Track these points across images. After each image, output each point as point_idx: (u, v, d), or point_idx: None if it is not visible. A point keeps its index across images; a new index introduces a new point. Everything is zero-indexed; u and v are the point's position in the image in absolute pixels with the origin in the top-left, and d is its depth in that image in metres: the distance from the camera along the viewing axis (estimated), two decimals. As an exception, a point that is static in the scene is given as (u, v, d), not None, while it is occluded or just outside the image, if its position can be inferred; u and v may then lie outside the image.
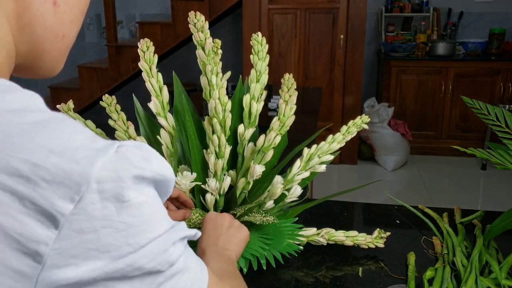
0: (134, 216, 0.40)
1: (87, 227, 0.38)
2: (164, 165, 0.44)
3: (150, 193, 0.42)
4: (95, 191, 0.38)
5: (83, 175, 0.37)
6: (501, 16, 4.33)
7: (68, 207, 0.37)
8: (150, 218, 0.41)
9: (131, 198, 0.40)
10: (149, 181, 0.42)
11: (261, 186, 0.97)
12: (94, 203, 0.38)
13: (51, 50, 0.47)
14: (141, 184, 0.41)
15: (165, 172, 0.43)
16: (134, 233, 0.40)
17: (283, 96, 0.95)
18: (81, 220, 0.38)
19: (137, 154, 0.41)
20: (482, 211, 1.14)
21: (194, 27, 0.91)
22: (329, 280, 0.93)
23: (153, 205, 0.42)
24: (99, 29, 4.93)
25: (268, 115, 2.46)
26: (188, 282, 0.45)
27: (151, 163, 0.42)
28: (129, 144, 0.42)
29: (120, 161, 0.39)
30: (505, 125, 1.04)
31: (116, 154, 0.40)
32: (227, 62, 4.49)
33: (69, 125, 0.40)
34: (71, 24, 0.47)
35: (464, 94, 3.93)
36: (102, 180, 0.38)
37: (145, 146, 0.43)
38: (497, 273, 0.88)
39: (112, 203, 0.39)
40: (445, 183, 3.64)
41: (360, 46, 3.75)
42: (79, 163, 0.38)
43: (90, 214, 0.38)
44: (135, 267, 0.40)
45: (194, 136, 0.94)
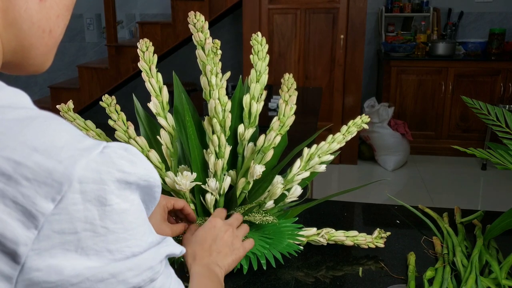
0: (115, 222, 0.39)
1: (68, 228, 0.37)
2: (149, 169, 0.43)
3: (134, 202, 0.41)
4: (77, 191, 0.37)
5: (65, 174, 0.37)
6: (501, 16, 4.33)
7: (48, 207, 0.36)
8: (132, 227, 0.41)
9: (113, 203, 0.39)
10: (133, 187, 0.41)
11: (261, 186, 0.97)
12: (76, 203, 0.37)
13: (39, 45, 0.46)
14: (125, 190, 0.40)
15: (149, 177, 0.42)
16: (114, 239, 0.39)
17: (283, 96, 0.95)
18: (62, 220, 0.37)
19: (123, 156, 0.40)
20: (482, 211, 1.14)
21: (194, 27, 0.91)
22: (329, 280, 0.93)
23: (136, 215, 0.41)
24: (99, 29, 4.93)
25: (268, 115, 2.46)
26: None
27: (136, 167, 0.41)
28: (115, 146, 0.41)
29: (104, 163, 0.39)
30: (505, 125, 1.03)
31: (101, 155, 0.39)
32: (227, 62, 4.49)
33: (56, 124, 0.40)
34: (58, 19, 0.47)
35: (464, 94, 3.94)
36: (84, 180, 0.37)
37: (131, 149, 0.42)
38: (497, 273, 0.88)
39: (95, 206, 0.38)
40: (445, 183, 3.64)
41: (360, 46, 3.75)
42: (62, 163, 0.37)
43: (72, 215, 0.37)
44: (120, 279, 0.40)
45: (194, 136, 0.94)
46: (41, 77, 5.08)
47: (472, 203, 3.27)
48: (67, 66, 4.98)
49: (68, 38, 4.96)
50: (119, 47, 4.01)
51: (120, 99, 1.14)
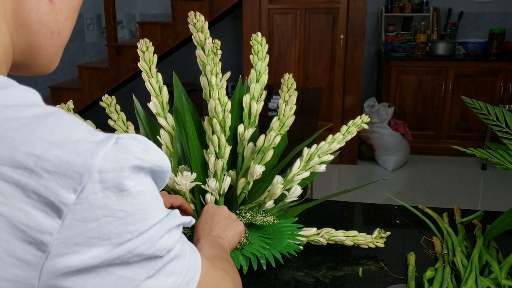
0: (133, 204, 0.41)
1: (89, 216, 0.39)
2: (162, 156, 0.45)
3: (147, 182, 0.43)
4: (97, 181, 0.39)
5: (85, 166, 0.38)
6: (501, 16, 4.33)
7: (71, 197, 0.38)
8: (148, 206, 0.43)
9: (130, 187, 0.41)
10: (146, 171, 0.43)
11: (261, 186, 0.97)
12: (96, 192, 0.39)
13: (48, 46, 0.48)
14: (140, 173, 0.42)
15: (162, 163, 0.45)
16: (133, 221, 0.41)
17: (283, 96, 0.95)
18: (84, 209, 0.39)
19: (136, 145, 0.42)
20: (482, 211, 1.14)
21: (194, 27, 0.91)
22: (329, 280, 0.93)
23: (151, 195, 0.43)
24: (99, 29, 4.93)
25: (268, 115, 2.46)
26: (184, 267, 0.47)
27: (150, 154, 0.43)
28: (127, 136, 0.43)
29: (120, 152, 0.41)
30: (505, 125, 1.03)
31: (116, 145, 0.41)
32: (227, 62, 4.49)
33: (68, 119, 0.41)
34: (67, 21, 0.48)
35: (464, 94, 3.94)
36: (104, 170, 0.39)
37: (142, 138, 0.44)
38: (497, 273, 0.88)
39: (113, 192, 0.40)
40: (445, 183, 3.64)
41: (360, 46, 3.75)
42: (80, 155, 0.39)
43: (92, 203, 0.39)
44: (135, 253, 0.42)
45: (194, 136, 0.94)
46: (41, 77, 5.08)
47: (472, 203, 3.27)
48: (67, 66, 4.97)
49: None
50: (119, 47, 4.01)
51: (120, 99, 1.14)
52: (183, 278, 0.47)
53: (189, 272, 0.48)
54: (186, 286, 0.48)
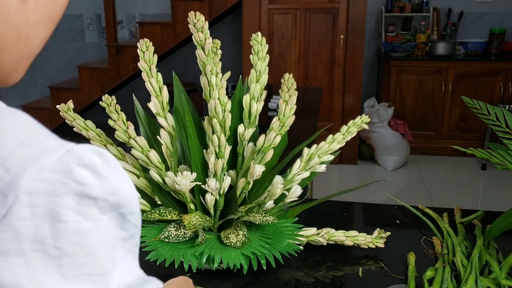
0: (73, 243, 0.33)
1: (14, 248, 0.32)
2: (121, 182, 0.36)
3: (101, 222, 0.34)
4: (26, 204, 0.31)
5: (11, 184, 0.31)
6: (501, 16, 4.33)
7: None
8: (95, 252, 0.34)
9: (69, 220, 0.33)
10: (101, 204, 0.34)
11: (261, 186, 0.97)
12: (23, 219, 0.31)
13: (12, 49, 0.41)
14: (89, 207, 0.34)
15: (120, 190, 0.35)
16: (70, 264, 0.33)
17: (283, 96, 0.95)
18: (7, 238, 0.31)
19: (88, 165, 0.34)
20: (482, 211, 1.14)
21: (194, 27, 0.91)
22: (329, 280, 0.93)
23: (102, 239, 0.34)
24: (99, 29, 4.93)
25: (268, 115, 2.46)
26: None
27: (101, 179, 0.34)
28: (82, 150, 0.34)
29: (60, 172, 0.33)
30: (505, 125, 1.03)
31: (58, 161, 0.33)
32: (227, 62, 4.49)
33: (12, 120, 0.34)
34: (37, 27, 0.42)
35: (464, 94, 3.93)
36: (34, 191, 0.32)
37: (104, 154, 0.36)
38: (497, 273, 0.88)
39: (46, 222, 0.32)
40: (445, 183, 3.64)
41: (360, 46, 3.75)
42: (9, 171, 0.31)
43: (19, 232, 0.31)
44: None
45: (194, 136, 0.94)
46: (41, 77, 5.08)
47: (472, 203, 3.27)
48: (67, 66, 4.97)
49: (68, 38, 4.97)
50: (119, 47, 4.01)
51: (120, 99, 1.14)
52: None
53: None
54: None
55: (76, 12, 4.88)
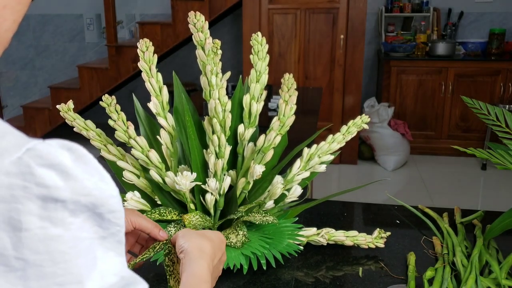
0: (38, 252, 0.29)
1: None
2: (94, 180, 0.32)
3: (73, 226, 0.31)
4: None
5: None
6: (501, 16, 4.33)
7: None
8: (65, 259, 0.30)
9: (33, 228, 0.29)
10: (63, 207, 0.30)
11: (261, 186, 0.97)
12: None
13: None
14: (55, 211, 0.30)
15: (93, 190, 0.31)
16: (36, 275, 0.29)
17: (283, 96, 0.95)
18: None
19: (52, 164, 0.30)
20: (482, 211, 1.14)
21: (194, 27, 0.91)
22: (329, 280, 0.93)
23: (74, 244, 0.31)
24: (99, 29, 4.93)
25: (268, 115, 2.46)
26: None
27: (70, 179, 0.30)
28: (47, 147, 0.30)
29: (18, 174, 0.29)
30: (505, 125, 1.03)
31: (16, 163, 0.29)
32: (227, 62, 4.49)
33: None
34: (3, 11, 0.37)
35: (464, 94, 3.94)
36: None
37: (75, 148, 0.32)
38: (497, 273, 0.88)
39: (5, 231, 0.29)
40: (445, 183, 3.64)
41: (360, 46, 3.75)
42: None
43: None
44: None
45: (194, 136, 0.94)
46: (41, 77, 5.08)
47: (472, 203, 3.27)
48: (67, 66, 4.97)
49: (68, 38, 4.97)
50: (119, 47, 4.01)
51: (120, 99, 1.14)
52: None
53: None
54: None
55: (76, 12, 4.88)
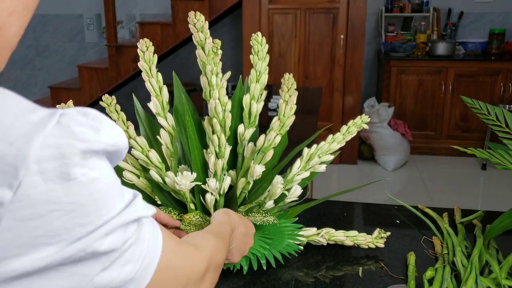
0: (84, 195, 0.36)
1: (33, 214, 0.34)
2: (117, 133, 0.40)
3: (102, 166, 0.38)
4: (36, 172, 0.34)
5: (19, 156, 0.33)
6: (501, 16, 4.33)
7: (6, 195, 0.33)
8: (103, 195, 0.38)
9: (78, 176, 0.36)
10: (99, 154, 0.38)
11: (261, 186, 0.97)
12: (36, 186, 0.34)
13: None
14: (91, 159, 0.37)
15: (117, 141, 0.39)
16: (85, 213, 0.36)
17: (283, 96, 0.95)
18: (24, 207, 0.34)
19: (83, 124, 0.37)
20: (482, 211, 1.14)
21: (194, 27, 0.91)
22: (329, 280, 0.93)
23: (106, 181, 0.38)
24: (99, 29, 4.93)
25: (268, 115, 2.46)
26: (142, 253, 0.43)
27: (100, 133, 0.38)
28: (72, 112, 0.37)
29: (63, 135, 0.35)
30: (505, 125, 1.03)
31: (58, 127, 0.35)
32: (227, 62, 4.49)
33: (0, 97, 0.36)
34: (10, 17, 0.41)
35: (464, 94, 3.94)
36: (42, 159, 0.34)
37: (91, 112, 0.39)
38: (497, 273, 0.88)
39: (58, 184, 0.35)
40: (445, 183, 3.64)
41: (360, 46, 3.75)
42: (13, 144, 0.33)
43: (34, 199, 0.34)
44: (89, 251, 0.37)
45: (194, 136, 0.94)
46: (41, 77, 5.08)
47: (472, 203, 3.27)
48: (67, 66, 4.97)
49: (68, 38, 4.97)
50: (119, 47, 4.01)
51: (120, 99, 1.14)
52: (141, 264, 0.42)
53: (148, 256, 0.44)
54: (144, 271, 0.43)
55: (76, 12, 4.88)
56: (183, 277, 0.51)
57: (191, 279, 0.52)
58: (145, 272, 0.43)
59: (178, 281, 0.50)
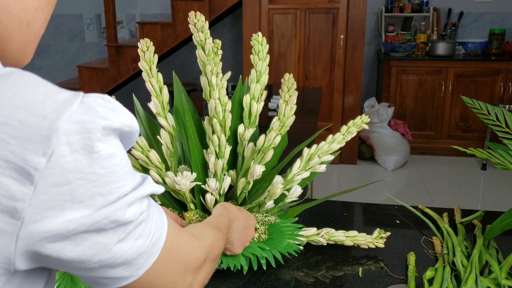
0: (104, 167, 0.41)
1: (61, 180, 0.38)
2: (130, 116, 0.44)
3: (117, 144, 0.43)
4: (65, 143, 0.38)
5: (52, 128, 0.38)
6: (501, 16, 4.33)
7: (41, 162, 0.37)
8: (119, 169, 0.42)
9: (100, 150, 0.40)
10: (116, 132, 0.42)
11: (261, 186, 0.97)
12: (65, 155, 0.38)
13: (16, 38, 0.45)
14: (110, 136, 0.41)
15: (131, 123, 0.44)
16: (105, 183, 0.41)
17: (283, 96, 0.95)
18: (55, 173, 0.38)
19: (102, 105, 0.41)
20: (482, 211, 1.14)
21: (194, 27, 0.91)
22: (329, 280, 0.93)
23: (121, 157, 0.43)
24: (99, 29, 4.93)
25: (268, 115, 2.46)
26: (151, 229, 0.47)
27: (118, 114, 0.42)
28: (93, 95, 0.42)
29: (86, 113, 0.40)
30: (505, 125, 1.04)
31: (82, 105, 0.40)
32: (227, 62, 4.50)
33: (31, 79, 0.40)
34: (37, 12, 0.46)
35: (464, 94, 3.94)
36: (69, 132, 0.38)
37: (108, 97, 0.43)
38: (497, 273, 0.88)
39: (82, 155, 0.39)
40: (445, 183, 3.64)
41: (360, 46, 3.75)
42: (47, 118, 0.38)
43: (63, 167, 0.38)
44: (111, 219, 0.42)
45: (194, 136, 0.94)
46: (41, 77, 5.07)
47: (472, 203, 3.27)
48: (67, 66, 4.97)
49: (68, 38, 4.97)
50: (119, 47, 4.01)
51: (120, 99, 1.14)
52: (150, 240, 0.47)
53: (156, 234, 0.48)
54: (152, 247, 0.48)
55: (76, 12, 4.88)
56: (183, 262, 0.54)
57: (190, 265, 0.55)
58: (153, 248, 0.48)
59: (178, 265, 0.53)
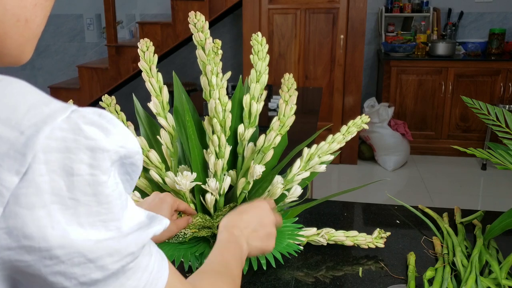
0: (87, 194, 0.36)
1: (36, 201, 0.35)
2: (126, 137, 0.39)
3: (112, 172, 0.38)
4: (42, 161, 0.35)
5: (28, 144, 0.34)
6: (501, 16, 4.33)
7: (13, 180, 0.34)
8: (108, 201, 0.37)
9: (82, 173, 0.36)
10: (112, 156, 0.38)
11: (261, 186, 0.97)
12: (42, 174, 0.35)
13: (14, 35, 0.43)
14: (103, 161, 0.37)
15: (127, 143, 0.39)
16: (85, 213, 0.36)
17: (283, 96, 0.95)
18: (30, 194, 0.34)
19: (93, 122, 0.37)
20: (482, 211, 1.14)
21: (194, 27, 0.91)
22: (329, 280, 0.93)
23: (114, 188, 0.38)
24: (99, 29, 4.93)
25: (268, 115, 2.46)
26: (141, 282, 0.42)
27: (110, 135, 0.38)
28: (86, 110, 0.38)
29: (70, 130, 0.36)
30: (505, 125, 1.04)
31: (67, 121, 0.36)
32: (227, 62, 4.50)
33: (18, 87, 0.37)
34: (36, 8, 0.43)
35: (464, 94, 3.94)
36: (48, 150, 0.35)
37: (106, 114, 0.39)
38: (497, 273, 0.88)
39: (60, 176, 0.35)
40: (445, 183, 3.64)
41: (360, 46, 3.75)
42: (24, 133, 0.34)
43: (39, 187, 0.35)
44: (98, 265, 0.37)
45: (194, 136, 0.94)
46: (41, 77, 5.08)
47: (472, 203, 3.27)
48: (67, 66, 4.97)
49: (68, 38, 4.97)
50: (119, 47, 4.01)
51: (120, 99, 1.14)
52: None
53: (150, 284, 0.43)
54: None
55: (76, 12, 4.88)
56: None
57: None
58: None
59: None
